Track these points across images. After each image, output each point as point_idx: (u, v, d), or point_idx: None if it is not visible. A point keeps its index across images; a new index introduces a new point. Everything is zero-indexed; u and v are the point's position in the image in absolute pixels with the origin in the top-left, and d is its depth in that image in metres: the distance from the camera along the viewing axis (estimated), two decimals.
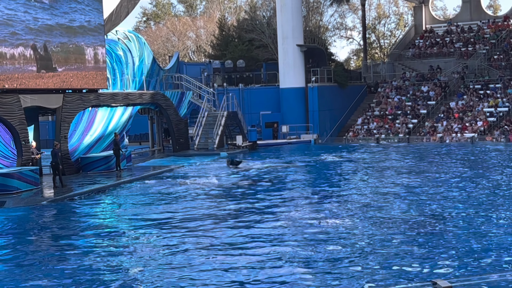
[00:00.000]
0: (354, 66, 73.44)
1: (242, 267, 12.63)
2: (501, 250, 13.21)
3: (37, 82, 25.85)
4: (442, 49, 53.39)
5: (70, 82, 27.95)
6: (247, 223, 17.00)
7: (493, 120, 42.38)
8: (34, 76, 25.67)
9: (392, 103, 48.05)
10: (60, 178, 23.90)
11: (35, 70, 25.76)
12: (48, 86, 26.62)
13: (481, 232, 14.98)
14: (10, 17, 24.53)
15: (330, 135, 46.03)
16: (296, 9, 46.73)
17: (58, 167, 23.65)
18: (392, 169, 27.76)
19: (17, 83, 24.80)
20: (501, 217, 16.76)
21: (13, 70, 24.55)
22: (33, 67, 25.69)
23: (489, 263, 12.34)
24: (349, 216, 17.35)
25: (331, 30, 70.88)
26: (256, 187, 23.75)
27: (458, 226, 15.77)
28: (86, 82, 29.15)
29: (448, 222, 16.20)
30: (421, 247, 13.71)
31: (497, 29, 53.25)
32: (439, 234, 14.86)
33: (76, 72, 28.31)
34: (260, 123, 46.02)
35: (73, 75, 28.13)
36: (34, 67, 25.74)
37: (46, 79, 26.40)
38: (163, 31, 77.34)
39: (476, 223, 16.07)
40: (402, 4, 72.38)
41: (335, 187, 23.40)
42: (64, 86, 27.76)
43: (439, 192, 20.85)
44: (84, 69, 28.92)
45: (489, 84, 46.44)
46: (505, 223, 15.98)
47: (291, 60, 46.41)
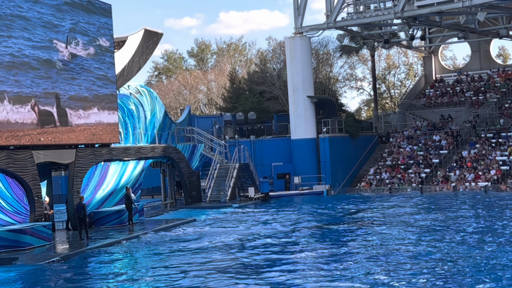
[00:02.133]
0: (365, 116, 73.59)
1: None
2: None
3: (50, 137, 25.99)
4: (453, 98, 53.49)
5: (82, 137, 28.12)
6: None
7: (506, 168, 42.15)
8: (47, 132, 25.82)
9: (404, 153, 47.96)
10: (86, 230, 24.82)
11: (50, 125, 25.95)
12: (61, 142, 26.77)
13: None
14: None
15: (343, 186, 45.85)
16: (305, 61, 47.12)
17: (85, 219, 24.75)
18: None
19: (29, 139, 24.96)
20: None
21: (30, 125, 24.72)
22: (48, 122, 25.87)
23: None
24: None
25: (341, 81, 71.28)
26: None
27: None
28: (99, 137, 29.31)
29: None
30: None
31: (507, 78, 53.39)
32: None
33: (89, 126, 28.49)
34: (272, 174, 45.98)
35: (86, 130, 28.30)
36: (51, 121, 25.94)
37: (60, 134, 26.54)
38: (174, 84, 78.08)
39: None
40: (411, 54, 72.82)
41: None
42: (77, 141, 27.92)
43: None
44: (97, 123, 29.11)
45: (501, 133, 46.33)
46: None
47: (302, 112, 46.59)
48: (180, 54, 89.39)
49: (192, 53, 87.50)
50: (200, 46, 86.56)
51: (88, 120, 28.31)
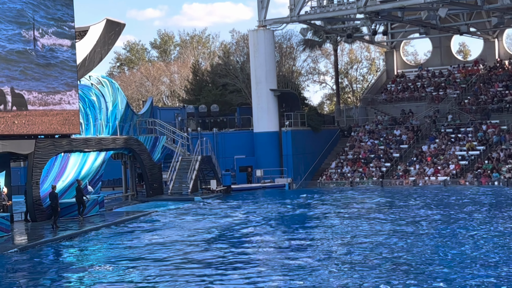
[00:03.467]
0: (327, 110, 74.02)
1: None
2: None
3: (9, 127, 25.59)
4: (414, 93, 54.09)
5: (42, 127, 27.74)
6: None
7: (465, 163, 42.78)
8: (5, 121, 25.43)
9: (365, 147, 48.37)
10: (55, 220, 24.90)
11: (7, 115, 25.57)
12: (20, 132, 26.39)
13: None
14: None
15: (304, 179, 46.06)
16: (269, 54, 47.17)
17: (57, 208, 25.01)
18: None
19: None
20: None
21: None
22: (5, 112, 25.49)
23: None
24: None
25: (304, 74, 71.57)
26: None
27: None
28: (59, 127, 28.95)
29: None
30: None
31: (467, 74, 54.15)
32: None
33: (48, 117, 28.12)
34: (234, 167, 45.97)
35: (46, 120, 27.92)
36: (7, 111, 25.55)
37: (19, 126, 26.16)
38: (137, 76, 77.51)
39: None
40: (373, 49, 73.42)
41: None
42: (36, 132, 27.55)
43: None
44: (57, 114, 28.75)
45: (460, 128, 47.01)
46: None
47: (265, 105, 46.66)
48: (143, 45, 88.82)
49: (155, 44, 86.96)
50: (163, 38, 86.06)
51: (48, 110, 27.92)
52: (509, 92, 48.88)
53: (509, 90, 49.24)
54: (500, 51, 55.48)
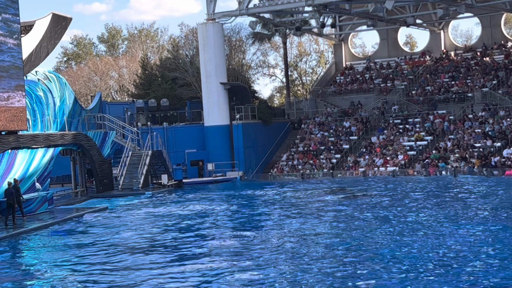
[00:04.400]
0: (277, 103, 74.27)
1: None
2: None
3: None
4: (362, 85, 54.67)
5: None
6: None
7: (413, 153, 43.46)
8: None
9: (316, 139, 48.72)
10: (13, 216, 24.86)
11: None
12: None
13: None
14: None
15: (256, 172, 46.18)
16: (218, 48, 47.06)
17: (14, 205, 24.72)
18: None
19: None
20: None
21: None
22: None
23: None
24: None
25: (254, 68, 71.64)
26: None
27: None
28: (5, 124, 28.38)
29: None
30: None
31: (414, 65, 54.96)
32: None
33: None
34: (185, 161, 45.80)
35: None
36: None
37: None
38: (84, 71, 76.44)
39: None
40: (322, 42, 73.91)
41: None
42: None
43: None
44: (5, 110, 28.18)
45: (408, 119, 47.72)
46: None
47: (215, 98, 46.57)
48: (90, 39, 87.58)
49: (103, 38, 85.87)
50: (110, 32, 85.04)
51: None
52: (455, 83, 49.81)
53: (455, 81, 50.17)
54: (446, 43, 56.47)
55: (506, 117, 42.75)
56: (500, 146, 40.15)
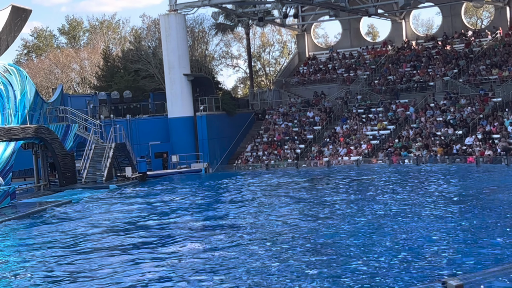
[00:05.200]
0: (241, 94, 74.31)
1: None
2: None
3: None
4: (325, 75, 54.92)
5: None
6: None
7: (376, 142, 43.85)
8: None
9: (280, 130, 48.84)
10: None
11: None
12: None
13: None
14: None
15: (220, 163, 46.15)
16: (181, 39, 46.81)
17: None
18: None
19: None
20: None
21: None
22: None
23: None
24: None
25: (217, 59, 71.54)
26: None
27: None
28: None
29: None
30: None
31: (376, 55, 55.37)
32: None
33: None
34: (149, 153, 45.56)
35: None
36: None
37: None
38: (45, 63, 75.45)
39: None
40: (285, 32, 74.07)
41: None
42: None
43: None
44: None
45: (371, 108, 48.10)
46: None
47: (179, 90, 46.36)
48: (51, 31, 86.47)
49: (63, 30, 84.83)
50: (71, 24, 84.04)
51: None
52: (416, 72, 50.30)
53: (417, 70, 50.67)
54: (407, 32, 56.97)
55: (467, 105, 43.34)
56: (462, 134, 40.72)
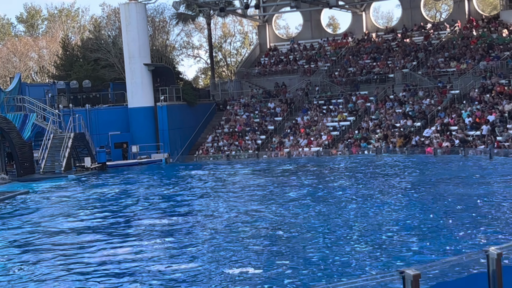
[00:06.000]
0: (202, 85, 74.08)
1: None
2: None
3: None
4: (286, 66, 55.03)
5: None
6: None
7: (336, 134, 44.15)
8: None
9: (241, 120, 48.84)
10: None
11: None
12: None
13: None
14: None
15: (181, 154, 45.98)
16: (142, 28, 46.44)
17: None
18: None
19: None
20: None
21: None
22: None
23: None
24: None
25: (178, 49, 71.20)
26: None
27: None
28: None
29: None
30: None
31: (337, 47, 55.65)
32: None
33: None
34: (109, 144, 45.16)
35: None
36: None
37: None
38: (3, 52, 74.15)
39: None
40: (246, 23, 73.99)
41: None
42: None
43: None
44: None
45: (332, 100, 48.38)
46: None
47: (139, 80, 46.02)
48: (8, 19, 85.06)
49: (21, 18, 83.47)
50: (29, 12, 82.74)
51: None
52: (376, 64, 50.72)
53: (377, 62, 51.10)
54: (367, 24, 57.35)
55: (426, 97, 43.87)
56: (420, 126, 41.23)
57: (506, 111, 38.08)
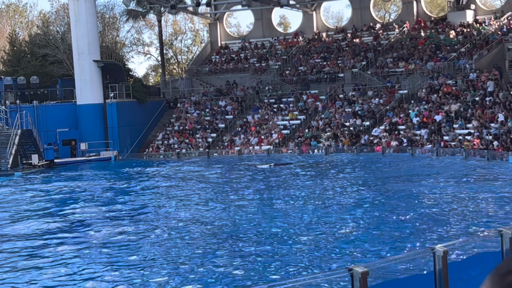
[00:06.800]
0: (153, 82, 73.52)
1: None
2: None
3: None
4: (237, 64, 55.03)
5: None
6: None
7: (287, 132, 44.37)
8: None
9: (192, 118, 48.67)
10: None
11: None
12: None
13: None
14: None
15: (131, 151, 45.60)
16: (91, 24, 45.88)
17: None
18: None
19: None
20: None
21: None
22: None
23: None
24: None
25: (128, 45, 70.51)
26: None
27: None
28: None
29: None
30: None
31: (287, 46, 55.87)
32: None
33: None
34: (57, 141, 44.51)
35: None
36: None
37: None
38: None
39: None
40: (197, 20, 73.71)
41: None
42: None
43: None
44: None
45: (282, 98, 48.59)
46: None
47: (88, 76, 45.46)
48: None
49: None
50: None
51: None
52: (326, 63, 51.12)
53: (327, 61, 51.49)
54: (318, 24, 57.72)
55: (375, 97, 44.43)
56: (369, 125, 41.74)
57: (452, 111, 38.85)
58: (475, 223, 16.36)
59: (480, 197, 20.34)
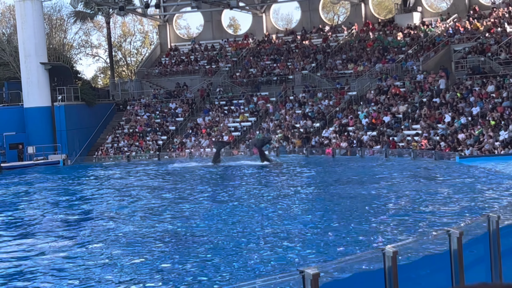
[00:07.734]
0: (101, 84, 72.79)
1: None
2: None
3: None
4: (188, 66, 54.85)
5: None
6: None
7: (238, 134, 44.41)
8: None
9: (142, 121, 48.32)
10: None
11: None
12: None
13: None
14: None
15: (80, 155, 45.02)
16: (38, 26, 45.18)
17: None
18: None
19: None
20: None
21: None
22: None
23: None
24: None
25: (76, 47, 69.67)
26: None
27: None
28: None
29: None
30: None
31: (238, 48, 55.93)
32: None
33: None
34: (3, 144, 43.68)
35: None
36: None
37: None
38: None
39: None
40: (147, 22, 73.24)
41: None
42: None
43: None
44: None
45: (233, 100, 48.61)
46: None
47: (35, 79, 44.76)
48: None
49: None
50: None
51: None
52: (276, 65, 51.34)
53: (277, 63, 51.72)
54: (268, 26, 57.93)
55: (325, 98, 44.80)
56: (319, 127, 42.05)
57: (400, 112, 39.43)
58: (426, 223, 16.58)
59: (428, 197, 20.65)
